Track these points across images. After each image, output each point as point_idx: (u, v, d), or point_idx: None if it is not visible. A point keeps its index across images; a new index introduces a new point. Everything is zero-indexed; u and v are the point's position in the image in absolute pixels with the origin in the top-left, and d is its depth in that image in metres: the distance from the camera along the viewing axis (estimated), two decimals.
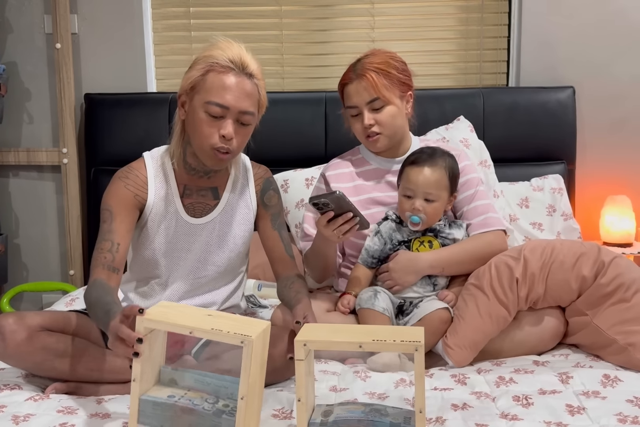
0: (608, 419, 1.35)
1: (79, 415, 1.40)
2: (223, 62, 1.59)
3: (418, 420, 1.20)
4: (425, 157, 1.84)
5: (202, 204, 1.74)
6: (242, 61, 1.60)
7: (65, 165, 2.83)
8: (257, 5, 2.89)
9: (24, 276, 3.00)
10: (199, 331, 1.21)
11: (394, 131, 1.93)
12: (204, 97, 1.58)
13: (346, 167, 2.04)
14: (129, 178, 1.70)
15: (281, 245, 1.80)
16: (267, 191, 1.81)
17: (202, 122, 1.59)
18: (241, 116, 1.60)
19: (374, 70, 1.87)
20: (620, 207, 2.65)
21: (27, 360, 1.52)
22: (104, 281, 1.59)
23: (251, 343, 1.17)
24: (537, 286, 1.71)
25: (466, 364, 1.70)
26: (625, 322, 1.65)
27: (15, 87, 2.86)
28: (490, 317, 1.70)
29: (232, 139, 1.60)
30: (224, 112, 1.58)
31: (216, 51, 1.60)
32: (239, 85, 1.59)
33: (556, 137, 2.69)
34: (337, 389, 1.53)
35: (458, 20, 2.88)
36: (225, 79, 1.58)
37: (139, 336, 1.21)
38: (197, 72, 1.60)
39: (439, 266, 1.82)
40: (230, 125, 1.59)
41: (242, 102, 1.59)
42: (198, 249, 1.73)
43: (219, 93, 1.58)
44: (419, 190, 1.81)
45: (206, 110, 1.58)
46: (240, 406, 1.20)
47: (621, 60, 2.74)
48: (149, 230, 1.71)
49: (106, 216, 1.67)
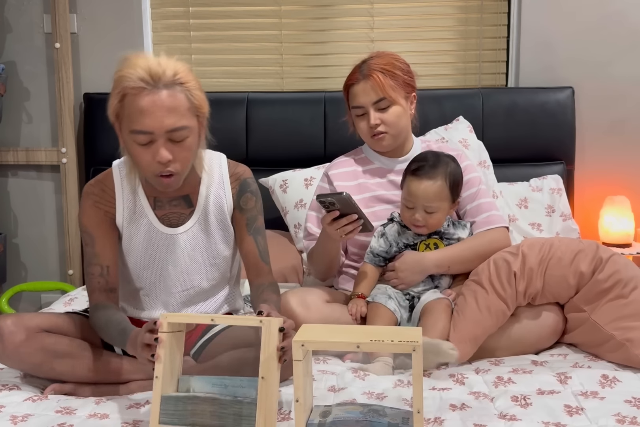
0: (606, 419, 1.35)
1: (78, 415, 1.40)
2: (133, 83, 1.44)
3: (416, 420, 1.20)
4: (427, 168, 1.83)
5: (176, 213, 1.65)
6: (153, 74, 1.44)
7: (64, 165, 2.83)
8: (257, 5, 2.89)
9: (22, 275, 2.99)
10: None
11: (399, 131, 1.94)
12: (127, 126, 1.47)
13: (349, 165, 2.05)
14: (97, 194, 1.64)
15: (256, 251, 1.70)
16: (244, 194, 1.69)
17: (135, 152, 1.49)
18: (171, 135, 1.47)
19: (381, 70, 1.89)
20: (619, 208, 2.65)
21: (25, 361, 1.52)
22: (105, 302, 1.60)
23: (269, 323, 1.26)
24: (535, 280, 1.72)
25: (467, 358, 1.71)
26: (623, 318, 1.66)
27: (14, 87, 2.86)
28: (489, 311, 1.71)
29: (169, 161, 1.48)
30: (151, 137, 1.46)
31: (125, 71, 1.46)
32: (156, 104, 1.44)
33: (555, 138, 2.68)
34: (335, 389, 1.53)
35: (457, 20, 2.87)
36: (139, 102, 1.44)
37: (154, 335, 1.29)
38: (115, 99, 1.48)
39: (445, 264, 1.84)
40: (163, 149, 1.47)
41: (165, 121, 1.45)
42: (180, 260, 1.66)
43: (137, 120, 1.45)
44: (418, 203, 1.82)
45: (134, 140, 1.47)
46: (261, 385, 1.25)
47: (620, 60, 2.74)
48: (125, 244, 1.66)
49: (87, 239, 1.64)
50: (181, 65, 1.49)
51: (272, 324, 1.27)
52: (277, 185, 2.51)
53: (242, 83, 2.94)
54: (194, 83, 1.50)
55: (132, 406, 1.45)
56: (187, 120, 1.48)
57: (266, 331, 1.27)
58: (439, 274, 1.87)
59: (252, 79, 2.94)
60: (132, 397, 1.51)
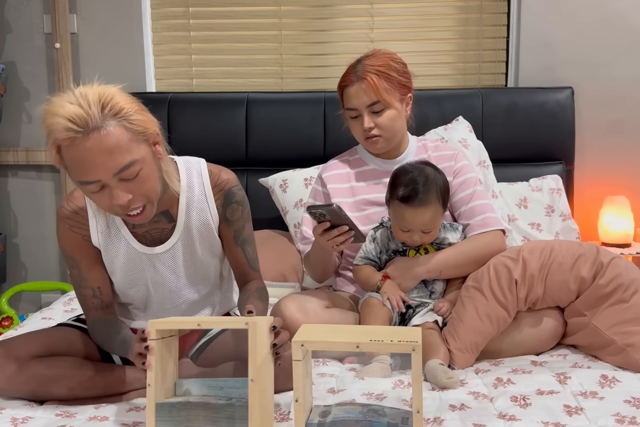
0: (606, 419, 1.35)
1: (77, 418, 1.41)
2: (62, 135, 1.30)
3: (416, 420, 1.20)
4: (418, 194, 1.73)
5: (157, 229, 1.57)
6: (80, 118, 1.29)
7: None
8: (257, 6, 2.89)
9: (22, 275, 3.00)
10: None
11: (393, 134, 1.92)
12: (73, 177, 1.37)
13: (342, 168, 2.04)
14: (71, 218, 1.55)
15: (244, 261, 1.66)
16: (230, 205, 1.60)
17: (93, 198, 1.40)
18: (121, 175, 1.34)
19: (375, 73, 1.86)
20: (619, 208, 2.65)
21: (21, 390, 1.49)
22: (103, 316, 1.59)
23: (255, 324, 1.24)
24: (536, 286, 1.71)
25: (469, 365, 1.71)
26: (624, 323, 1.65)
27: (14, 87, 2.86)
28: (489, 319, 1.70)
29: (129, 200, 1.37)
30: (101, 184, 1.35)
31: (48, 122, 1.31)
32: (93, 150, 1.30)
33: (555, 138, 2.68)
34: (334, 391, 1.53)
35: (457, 20, 2.87)
36: (75, 152, 1.31)
37: (145, 344, 1.27)
38: (53, 150, 1.35)
39: (436, 269, 1.81)
40: (118, 191, 1.35)
41: (109, 164, 1.32)
42: (165, 278, 1.61)
43: (80, 171, 1.33)
44: (415, 228, 1.77)
45: (85, 190, 1.38)
46: (251, 387, 1.23)
47: (620, 61, 2.75)
48: (108, 265, 1.59)
49: (71, 263, 1.58)
50: (108, 92, 1.35)
51: (258, 325, 1.25)
52: (277, 185, 2.51)
53: (242, 83, 2.94)
54: (128, 107, 1.35)
55: (131, 409, 1.45)
56: (133, 153, 1.35)
57: (252, 333, 1.24)
58: (432, 279, 1.85)
59: (252, 79, 2.94)
60: (132, 401, 1.51)
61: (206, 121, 2.71)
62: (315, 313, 1.76)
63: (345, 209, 1.84)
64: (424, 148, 2.02)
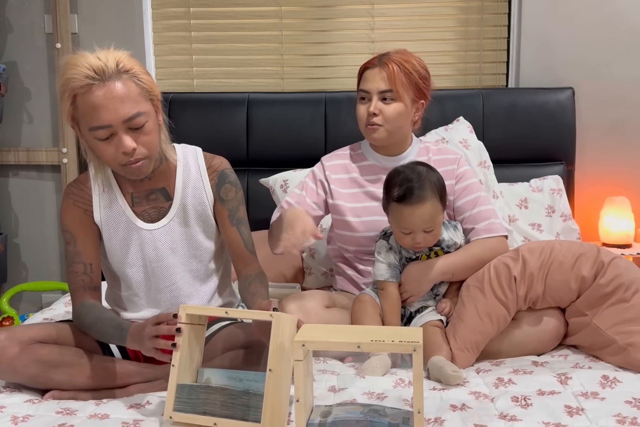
0: (607, 420, 1.35)
1: (78, 416, 1.41)
2: (81, 82, 1.46)
3: (416, 421, 1.20)
4: (413, 191, 1.72)
5: (155, 208, 1.67)
6: (98, 68, 1.47)
7: (64, 165, 2.83)
8: (257, 6, 2.89)
9: (23, 275, 3.00)
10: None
11: (395, 128, 1.93)
12: (85, 125, 1.50)
13: (344, 159, 2.05)
14: (75, 194, 1.67)
15: (240, 241, 1.72)
16: (223, 185, 1.71)
17: (99, 148, 1.52)
18: (130, 124, 1.49)
19: (398, 64, 1.89)
20: (620, 208, 2.65)
21: (21, 373, 1.51)
22: (91, 301, 1.61)
23: (279, 317, 1.31)
24: (536, 285, 1.71)
25: (469, 365, 1.71)
26: (625, 323, 1.66)
27: (15, 87, 2.86)
28: (489, 318, 1.70)
29: (134, 149, 1.51)
30: (111, 131, 1.49)
31: (70, 71, 1.48)
32: (107, 96, 1.46)
33: (555, 138, 2.69)
34: (335, 390, 1.53)
35: (458, 21, 2.88)
36: (91, 98, 1.46)
37: (179, 326, 1.35)
38: (67, 102, 1.50)
39: (449, 271, 1.82)
40: (125, 138, 1.49)
41: (120, 112, 1.47)
42: (162, 254, 1.67)
43: (94, 116, 1.47)
44: (417, 229, 1.75)
45: (94, 136, 1.50)
46: (268, 377, 1.27)
47: (620, 61, 2.75)
48: (106, 244, 1.68)
49: (68, 237, 1.66)
50: (121, 54, 1.54)
51: (282, 318, 1.32)
52: (277, 186, 2.51)
53: (242, 83, 2.94)
54: (138, 68, 1.53)
55: (132, 406, 1.45)
56: (141, 106, 1.50)
57: (276, 325, 1.31)
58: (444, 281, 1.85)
59: (253, 80, 2.94)
60: (132, 398, 1.51)
61: (207, 121, 2.71)
62: (316, 313, 1.76)
63: (341, 198, 1.96)
64: (426, 150, 2.02)
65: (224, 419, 1.31)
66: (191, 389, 1.35)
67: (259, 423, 1.27)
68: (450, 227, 1.88)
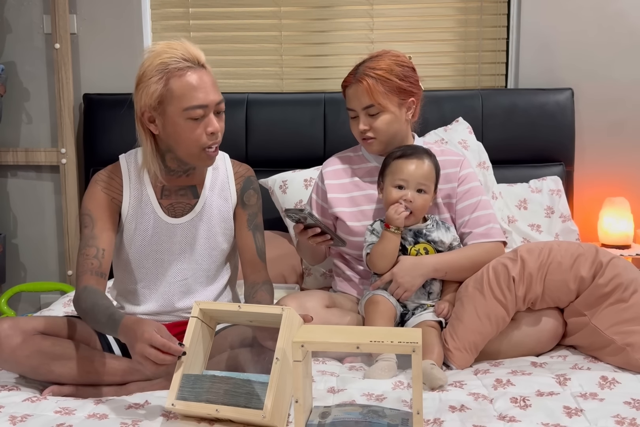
0: (606, 421, 1.36)
1: (77, 415, 1.41)
2: (180, 64, 1.57)
3: (416, 422, 1.20)
4: (411, 151, 1.86)
5: (182, 203, 1.72)
6: (193, 55, 1.59)
7: (63, 166, 2.83)
8: (257, 6, 2.89)
9: (22, 276, 2.99)
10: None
11: (389, 137, 1.93)
12: (179, 105, 1.57)
13: (343, 163, 2.06)
14: (105, 181, 1.70)
15: (253, 247, 1.77)
16: (247, 190, 1.79)
17: (186, 129, 1.59)
18: (218, 107, 1.62)
19: (374, 76, 1.87)
20: (619, 209, 2.65)
21: (23, 364, 1.52)
22: (95, 286, 1.60)
23: (289, 311, 1.37)
24: (535, 286, 1.71)
25: (468, 366, 1.71)
26: (624, 323, 1.66)
27: (14, 87, 2.86)
28: (488, 319, 1.70)
29: (217, 132, 1.62)
30: (204, 111, 1.59)
31: (163, 56, 1.57)
32: (203, 79, 1.59)
33: (555, 139, 2.69)
34: (334, 391, 1.53)
35: (457, 21, 2.88)
36: (189, 79, 1.57)
37: (182, 349, 1.37)
38: (158, 85, 1.57)
39: (443, 269, 1.82)
40: (215, 120, 1.61)
41: (214, 94, 1.60)
42: (180, 250, 1.72)
43: (192, 96, 1.57)
44: (412, 181, 1.82)
45: (188, 116, 1.57)
46: (274, 367, 1.30)
47: (620, 62, 2.75)
48: (128, 233, 1.70)
49: (87, 221, 1.67)
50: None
51: (292, 312, 1.38)
52: (276, 186, 2.51)
53: (241, 84, 2.94)
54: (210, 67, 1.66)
55: (131, 406, 1.45)
56: (221, 95, 1.64)
57: (286, 318, 1.36)
58: (434, 278, 1.85)
59: (252, 80, 2.94)
60: (131, 398, 1.51)
61: None
62: (316, 312, 1.76)
63: (339, 205, 1.97)
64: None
65: (226, 407, 1.32)
66: (197, 378, 1.37)
67: (261, 410, 1.29)
68: (443, 227, 1.89)
